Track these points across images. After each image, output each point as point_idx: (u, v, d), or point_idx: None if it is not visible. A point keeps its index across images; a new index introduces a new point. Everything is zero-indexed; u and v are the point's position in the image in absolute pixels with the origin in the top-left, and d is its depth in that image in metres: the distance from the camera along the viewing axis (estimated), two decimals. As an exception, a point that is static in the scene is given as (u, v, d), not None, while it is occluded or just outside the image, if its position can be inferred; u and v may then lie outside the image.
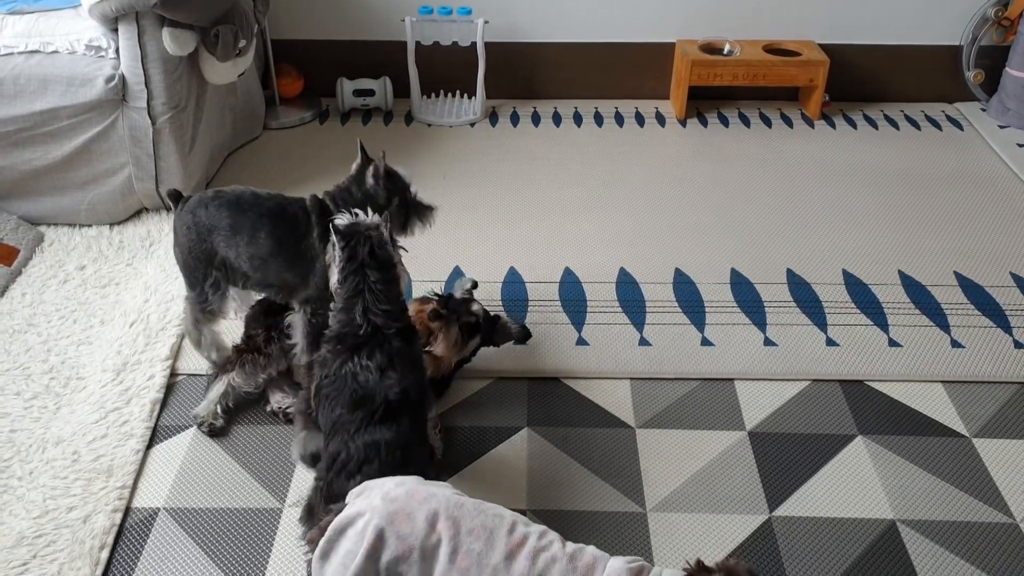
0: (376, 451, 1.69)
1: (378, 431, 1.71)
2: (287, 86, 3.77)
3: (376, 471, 1.66)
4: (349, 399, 1.74)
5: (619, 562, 1.34)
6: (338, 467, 1.70)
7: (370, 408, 1.72)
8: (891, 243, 2.89)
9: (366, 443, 1.70)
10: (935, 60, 3.83)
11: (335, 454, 1.71)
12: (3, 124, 2.75)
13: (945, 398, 2.26)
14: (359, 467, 1.68)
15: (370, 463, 1.68)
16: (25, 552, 1.83)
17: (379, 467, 1.67)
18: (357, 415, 1.72)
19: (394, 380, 1.75)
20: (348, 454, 1.70)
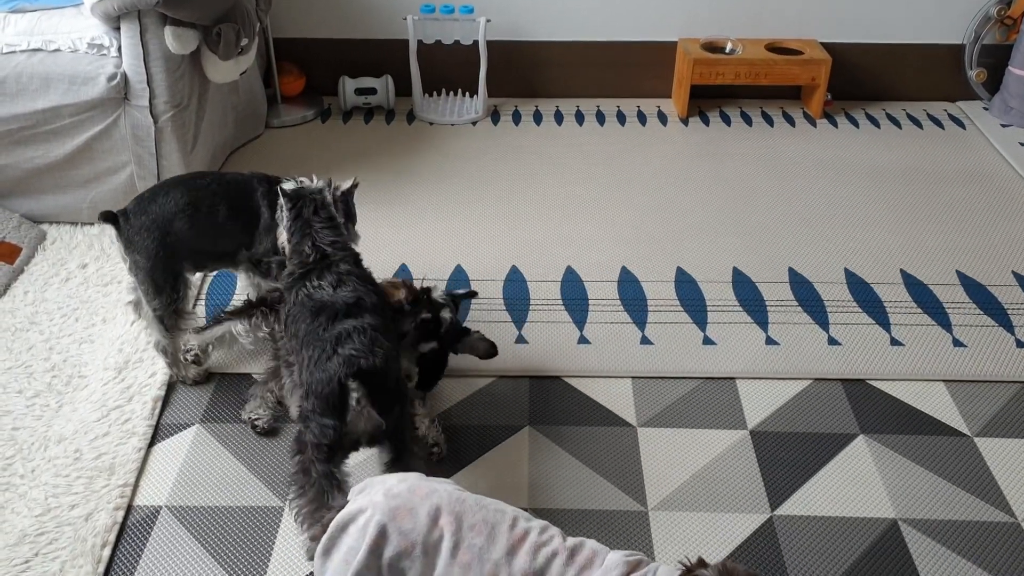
0: (348, 335, 1.77)
1: (344, 323, 1.80)
2: (289, 84, 3.77)
3: (354, 348, 1.74)
4: (309, 313, 1.84)
5: (617, 555, 1.35)
6: (314, 360, 1.75)
7: (331, 311, 1.83)
8: (893, 242, 2.89)
9: (335, 333, 1.78)
10: (937, 59, 3.83)
11: (310, 356, 1.77)
12: (5, 122, 2.75)
13: (947, 397, 2.26)
14: (335, 348, 1.75)
15: (343, 343, 1.75)
16: (27, 550, 1.83)
17: (356, 344, 1.75)
18: (320, 319, 1.82)
19: (348, 291, 1.87)
20: (322, 348, 1.76)
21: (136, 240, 2.14)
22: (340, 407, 1.72)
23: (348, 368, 1.72)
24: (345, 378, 1.71)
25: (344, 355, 1.73)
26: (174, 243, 2.15)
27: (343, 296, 1.86)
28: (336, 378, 1.71)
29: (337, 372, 1.72)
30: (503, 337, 2.45)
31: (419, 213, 3.05)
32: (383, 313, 1.89)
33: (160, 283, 2.16)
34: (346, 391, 1.71)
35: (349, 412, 1.72)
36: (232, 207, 2.21)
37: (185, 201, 2.16)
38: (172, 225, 2.14)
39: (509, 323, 2.51)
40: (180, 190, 2.19)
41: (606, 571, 1.32)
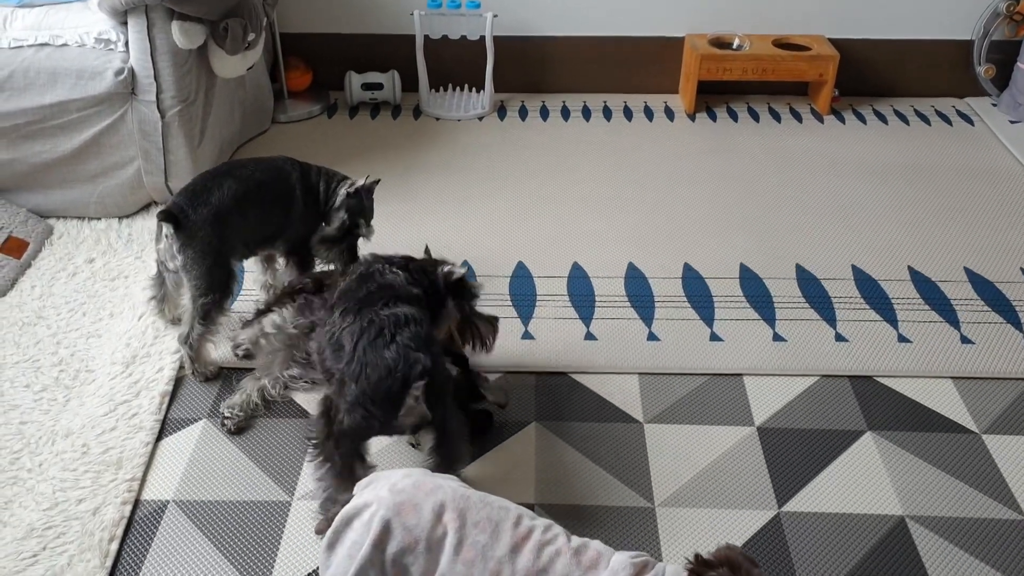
0: (405, 321, 1.79)
1: (401, 307, 1.83)
2: (295, 80, 3.77)
3: (411, 341, 1.75)
4: (376, 285, 1.89)
5: (623, 557, 1.35)
6: (370, 338, 1.76)
7: (391, 293, 1.87)
8: (901, 239, 2.88)
9: (392, 314, 1.80)
10: (946, 55, 3.82)
11: (363, 328, 1.79)
12: (13, 117, 2.76)
13: (955, 394, 2.26)
14: (393, 334, 1.76)
15: (400, 330, 1.77)
16: (35, 544, 1.83)
17: (412, 335, 1.77)
18: (378, 291, 1.87)
19: (416, 288, 1.93)
20: (379, 329, 1.77)
21: (197, 236, 2.14)
22: (397, 403, 1.71)
23: (412, 365, 1.72)
24: (409, 377, 1.71)
25: (403, 346, 1.74)
26: (231, 235, 2.19)
27: (410, 289, 1.91)
28: (399, 373, 1.71)
29: (399, 366, 1.72)
30: (509, 333, 2.44)
31: (425, 208, 3.05)
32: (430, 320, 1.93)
33: (217, 278, 2.18)
34: (406, 388, 1.71)
35: (403, 408, 1.72)
36: (274, 193, 2.31)
37: (239, 191, 2.21)
38: (230, 217, 2.19)
39: (516, 319, 2.51)
40: (231, 181, 2.22)
41: (613, 572, 1.32)
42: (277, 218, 2.33)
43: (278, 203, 2.32)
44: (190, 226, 2.14)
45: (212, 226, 2.16)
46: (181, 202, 2.17)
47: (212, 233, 2.16)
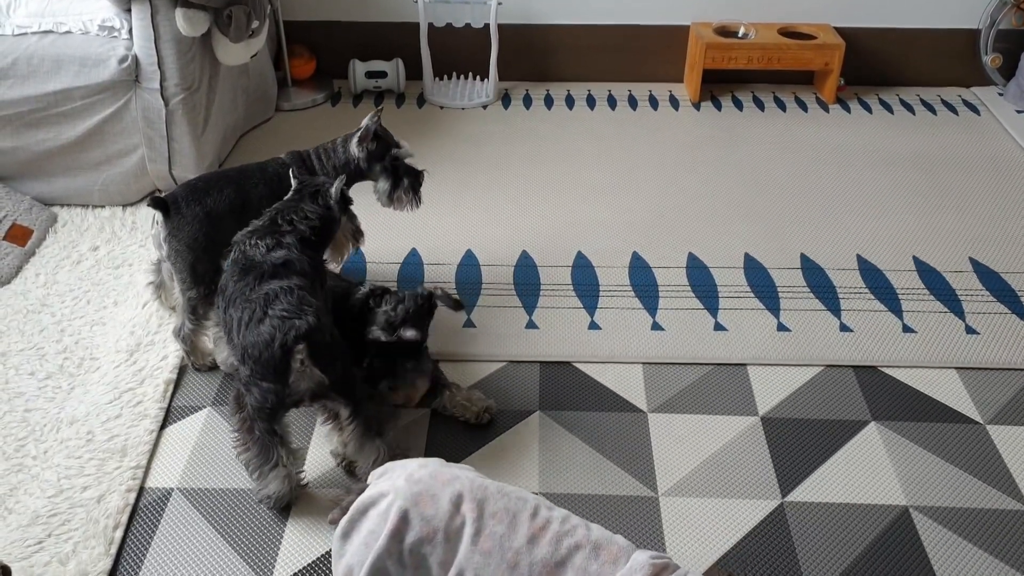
0: (275, 295, 1.81)
1: (270, 283, 1.84)
2: (299, 68, 3.76)
3: (284, 310, 1.77)
4: (238, 271, 1.89)
5: (643, 556, 1.33)
6: (244, 322, 1.80)
7: (258, 271, 1.87)
8: (906, 229, 2.88)
9: (263, 294, 1.82)
10: (952, 44, 3.80)
11: (239, 317, 1.82)
12: (17, 104, 2.75)
13: (959, 384, 2.25)
14: (264, 310, 1.78)
15: (272, 304, 1.79)
16: (40, 531, 1.84)
17: (284, 305, 1.78)
18: (247, 279, 1.86)
19: (280, 254, 1.91)
20: (252, 310, 1.80)
21: (184, 230, 2.14)
22: (283, 370, 1.76)
23: (287, 332, 1.74)
24: (286, 342, 1.74)
25: (276, 317, 1.76)
26: (220, 238, 2.15)
27: (273, 258, 1.90)
28: (276, 343, 1.74)
29: (275, 336, 1.74)
30: (513, 322, 2.44)
31: (429, 197, 3.02)
32: (312, 276, 1.94)
33: (200, 274, 2.16)
34: (288, 354, 1.74)
35: (292, 374, 1.76)
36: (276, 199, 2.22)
37: (236, 202, 2.19)
38: (222, 223, 2.15)
39: (519, 308, 2.51)
40: (232, 189, 2.20)
41: (632, 571, 1.31)
42: None
43: None
44: (179, 219, 2.14)
45: (200, 224, 2.14)
46: (178, 194, 2.17)
47: (199, 231, 2.14)
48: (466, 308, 2.13)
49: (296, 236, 1.97)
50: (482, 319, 2.46)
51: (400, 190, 2.35)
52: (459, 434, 2.09)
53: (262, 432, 1.82)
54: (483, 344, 2.37)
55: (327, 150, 2.36)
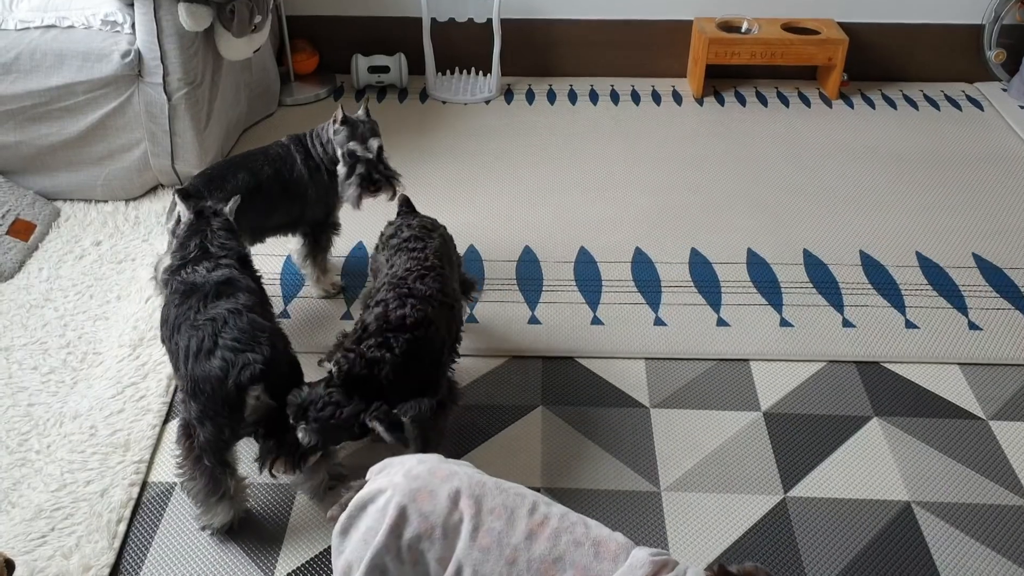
0: (223, 320, 1.70)
1: (217, 305, 1.74)
2: (302, 62, 3.76)
3: (236, 340, 1.66)
4: (180, 296, 1.78)
5: (643, 552, 1.33)
6: (192, 351, 1.68)
7: (201, 293, 1.77)
8: (909, 224, 2.87)
9: (210, 318, 1.71)
10: (956, 39, 3.79)
11: (186, 346, 1.70)
12: (19, 99, 2.75)
13: (962, 380, 2.25)
14: (214, 340, 1.67)
15: (221, 332, 1.68)
16: (43, 524, 1.84)
17: (236, 334, 1.67)
18: (190, 302, 1.75)
19: (221, 273, 1.81)
20: (200, 339, 1.68)
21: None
22: (237, 407, 1.67)
23: (241, 369, 1.65)
24: (241, 381, 1.65)
25: (228, 349, 1.66)
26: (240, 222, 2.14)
27: (215, 277, 1.80)
28: (230, 380, 1.65)
29: (229, 373, 1.64)
30: (516, 317, 2.44)
31: (431, 193, 3.04)
32: (258, 292, 1.86)
33: None
34: (244, 393, 1.66)
35: (247, 409, 1.68)
36: (283, 184, 2.31)
37: (251, 183, 2.24)
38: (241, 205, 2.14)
39: (522, 303, 2.51)
40: (244, 173, 2.25)
41: (632, 568, 1.30)
42: (289, 208, 2.35)
43: (287, 195, 2.33)
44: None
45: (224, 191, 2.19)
46: (197, 184, 2.20)
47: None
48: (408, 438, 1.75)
49: (233, 256, 1.89)
50: (485, 314, 2.46)
51: (347, 184, 2.32)
52: (461, 430, 2.09)
53: (213, 464, 1.74)
54: (486, 339, 2.37)
55: (319, 132, 2.38)
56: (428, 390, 1.77)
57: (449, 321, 1.87)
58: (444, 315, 1.85)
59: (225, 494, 1.79)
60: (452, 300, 1.91)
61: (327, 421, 1.65)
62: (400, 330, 1.76)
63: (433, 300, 1.84)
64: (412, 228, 2.05)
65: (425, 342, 1.78)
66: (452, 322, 1.89)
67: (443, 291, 1.88)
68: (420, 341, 1.77)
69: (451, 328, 1.89)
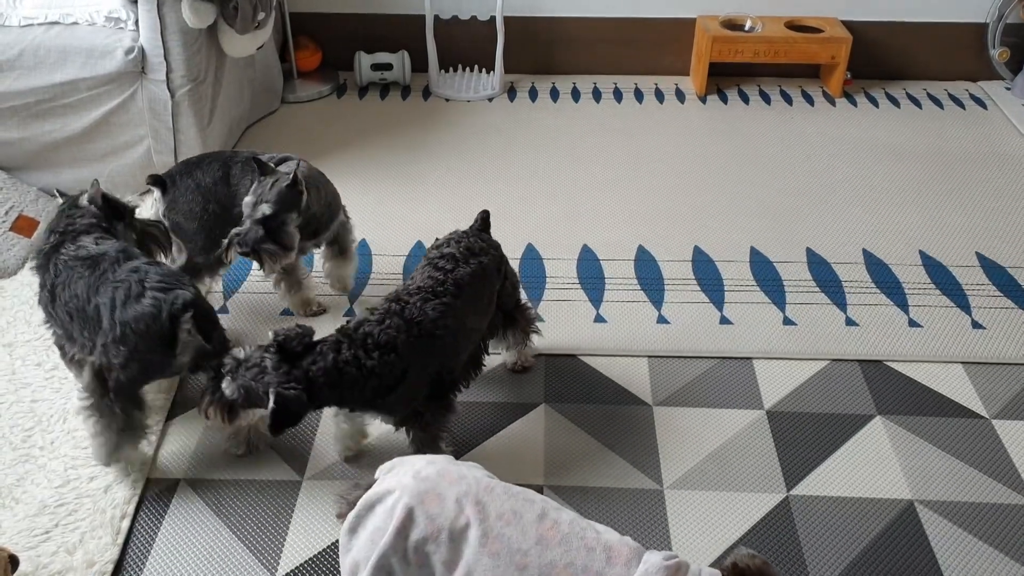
0: (146, 271, 1.81)
1: (131, 263, 1.84)
2: (305, 59, 3.76)
3: (159, 281, 1.78)
4: (85, 268, 1.86)
5: (656, 557, 1.32)
6: (120, 301, 1.77)
7: (108, 259, 1.86)
8: (912, 223, 2.87)
9: (129, 270, 1.82)
10: (959, 38, 3.79)
11: (111, 299, 1.79)
12: (23, 96, 2.75)
13: (965, 379, 2.25)
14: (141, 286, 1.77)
15: (147, 278, 1.79)
16: (47, 520, 1.85)
17: (160, 279, 1.79)
18: (102, 267, 1.85)
19: (110, 244, 1.91)
20: (126, 288, 1.78)
21: (180, 201, 2.29)
22: (171, 341, 1.76)
23: (173, 301, 1.75)
24: (174, 312, 1.75)
25: (157, 289, 1.76)
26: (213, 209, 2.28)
27: (109, 247, 1.89)
28: (163, 313, 1.74)
29: (161, 308, 1.75)
30: (519, 315, 2.45)
31: (434, 190, 3.04)
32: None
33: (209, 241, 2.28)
34: (176, 325, 1.75)
35: (179, 345, 1.78)
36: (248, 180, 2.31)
37: (221, 175, 2.30)
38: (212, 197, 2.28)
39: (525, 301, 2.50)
40: (216, 167, 2.31)
41: (646, 574, 1.30)
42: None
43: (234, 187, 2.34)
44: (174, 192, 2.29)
45: (192, 194, 2.28)
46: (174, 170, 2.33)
47: (195, 203, 2.27)
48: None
49: (100, 230, 1.98)
50: (488, 312, 2.46)
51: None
52: (464, 426, 2.09)
53: (125, 404, 1.84)
54: (489, 337, 2.37)
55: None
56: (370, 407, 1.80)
57: (428, 352, 1.80)
58: (422, 345, 1.79)
59: (137, 427, 1.91)
60: (447, 332, 1.82)
61: (249, 381, 1.69)
62: (359, 344, 1.74)
63: (416, 327, 1.79)
64: (455, 246, 1.97)
65: (384, 365, 1.74)
66: (433, 354, 1.81)
67: (438, 321, 1.81)
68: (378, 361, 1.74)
69: (428, 360, 1.81)
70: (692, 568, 1.32)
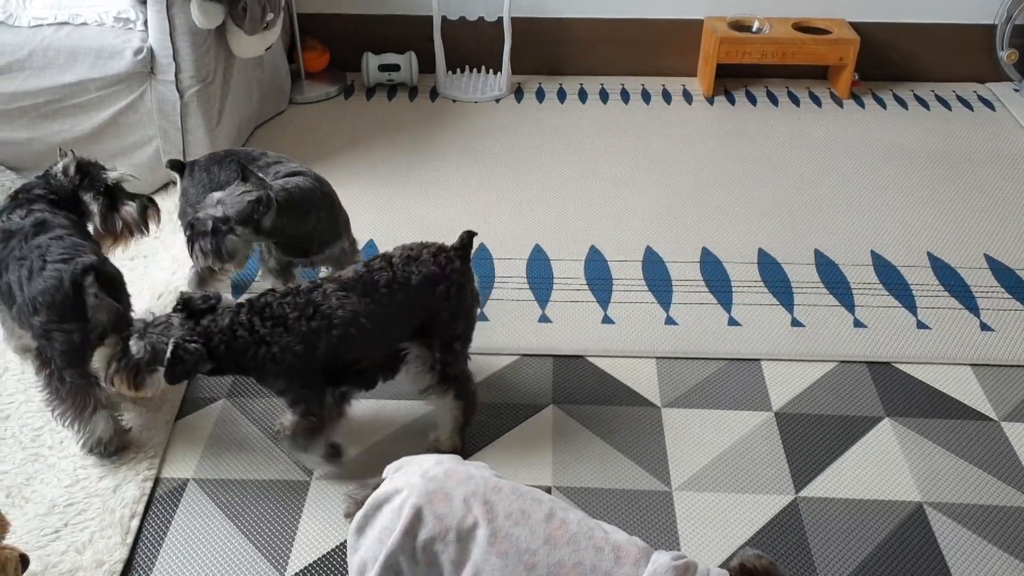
0: (47, 246, 1.88)
1: (38, 239, 1.91)
2: (313, 60, 3.76)
3: (60, 254, 1.85)
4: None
5: (665, 557, 1.32)
6: (25, 277, 1.85)
7: (20, 235, 1.93)
8: (920, 225, 2.87)
9: (34, 246, 1.89)
10: (968, 39, 3.78)
11: (17, 277, 1.88)
12: (32, 96, 2.76)
13: (974, 381, 2.25)
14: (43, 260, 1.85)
15: (48, 253, 1.86)
16: (57, 520, 1.85)
17: (61, 251, 1.86)
18: (11, 244, 1.92)
19: (35, 216, 1.98)
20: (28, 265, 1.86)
21: (190, 192, 2.34)
22: (79, 307, 1.82)
23: (73, 268, 1.81)
24: (75, 278, 1.81)
25: (57, 260, 1.83)
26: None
27: (30, 220, 1.96)
28: (65, 281, 1.81)
29: (63, 277, 1.81)
30: (526, 316, 2.45)
31: (442, 191, 3.04)
32: (78, 225, 2.03)
33: None
34: (81, 290, 1.81)
35: (88, 310, 1.83)
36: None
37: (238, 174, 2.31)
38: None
39: (532, 302, 2.51)
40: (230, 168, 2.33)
41: (655, 574, 1.30)
42: None
43: None
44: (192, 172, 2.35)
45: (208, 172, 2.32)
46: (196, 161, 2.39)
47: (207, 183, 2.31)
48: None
49: (45, 201, 2.04)
50: (495, 313, 2.46)
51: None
52: (472, 428, 2.09)
53: (73, 378, 1.87)
54: (496, 338, 2.37)
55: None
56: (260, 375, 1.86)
57: (317, 336, 1.80)
58: (313, 328, 1.80)
59: (96, 405, 1.92)
60: (341, 324, 1.81)
61: (156, 338, 1.75)
62: (256, 312, 1.81)
63: (314, 310, 1.80)
64: (401, 251, 1.94)
65: (274, 335, 1.79)
66: (322, 339, 1.80)
67: (336, 312, 1.81)
68: (270, 331, 1.79)
69: (316, 344, 1.80)
70: (700, 568, 1.33)
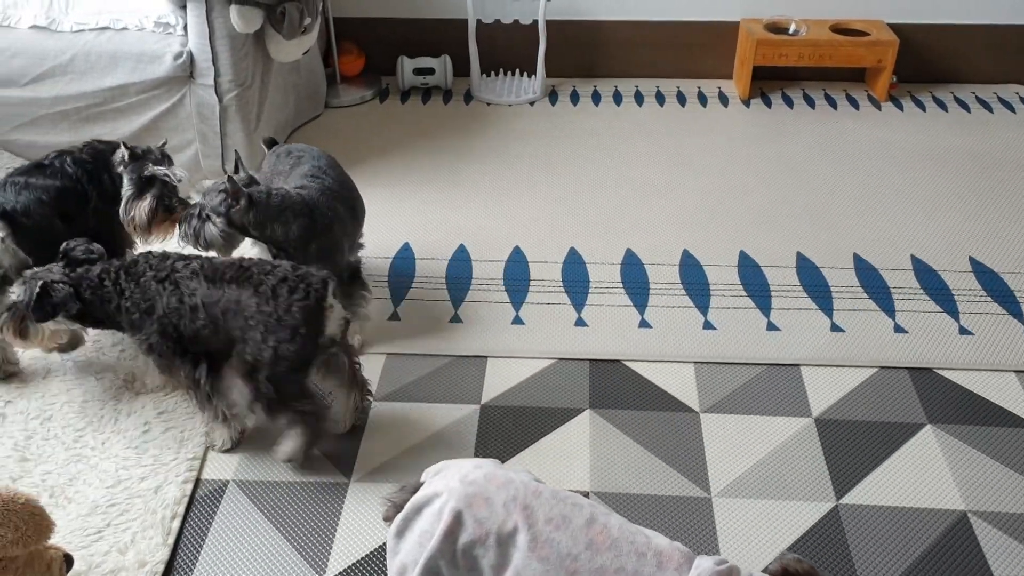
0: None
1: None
2: (348, 64, 3.78)
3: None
4: None
5: (707, 562, 1.31)
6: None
7: None
8: (961, 229, 2.83)
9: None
10: (1009, 40, 3.72)
11: None
12: (74, 100, 2.80)
13: (1018, 388, 2.21)
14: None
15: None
16: (99, 520, 1.87)
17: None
18: None
19: None
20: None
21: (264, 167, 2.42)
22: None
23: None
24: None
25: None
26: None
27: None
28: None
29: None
30: (562, 320, 2.44)
31: (477, 194, 3.05)
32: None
33: None
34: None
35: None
36: None
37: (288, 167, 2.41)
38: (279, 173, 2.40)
39: (568, 306, 2.50)
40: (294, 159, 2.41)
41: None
42: None
43: None
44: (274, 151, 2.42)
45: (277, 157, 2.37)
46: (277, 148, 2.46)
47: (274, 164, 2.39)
48: None
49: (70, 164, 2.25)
50: (531, 316, 2.46)
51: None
52: (509, 431, 2.09)
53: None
54: (532, 341, 2.37)
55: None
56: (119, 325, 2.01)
57: (170, 309, 1.93)
58: (164, 300, 1.93)
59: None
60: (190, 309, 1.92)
61: (35, 282, 1.91)
62: (126, 269, 1.97)
63: (170, 284, 1.93)
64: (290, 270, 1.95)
65: (132, 292, 1.95)
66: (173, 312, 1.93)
67: (184, 293, 1.92)
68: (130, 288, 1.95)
69: (170, 315, 1.93)
70: (743, 573, 1.31)
